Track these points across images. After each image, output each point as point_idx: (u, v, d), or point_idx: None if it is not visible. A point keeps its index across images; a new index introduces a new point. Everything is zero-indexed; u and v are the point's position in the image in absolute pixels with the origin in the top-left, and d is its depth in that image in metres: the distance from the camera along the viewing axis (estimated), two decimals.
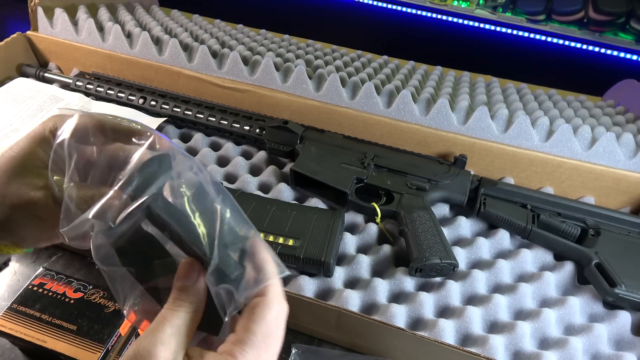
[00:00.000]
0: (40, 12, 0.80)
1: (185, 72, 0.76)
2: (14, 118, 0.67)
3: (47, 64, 0.84)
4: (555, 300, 0.52)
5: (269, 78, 0.74)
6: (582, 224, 0.58)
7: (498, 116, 0.69)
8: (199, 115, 0.69)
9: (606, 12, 1.14)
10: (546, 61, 1.21)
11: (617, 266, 0.52)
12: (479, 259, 0.57)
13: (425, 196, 0.59)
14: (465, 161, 0.63)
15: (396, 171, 0.62)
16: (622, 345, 0.49)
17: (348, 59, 0.89)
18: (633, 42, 1.15)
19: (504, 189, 0.60)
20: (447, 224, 0.60)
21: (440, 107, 0.68)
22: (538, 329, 0.49)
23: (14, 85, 0.74)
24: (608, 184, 0.65)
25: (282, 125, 0.66)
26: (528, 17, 1.21)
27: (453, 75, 0.91)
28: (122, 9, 0.92)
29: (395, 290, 0.52)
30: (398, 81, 0.80)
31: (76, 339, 0.41)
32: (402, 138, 0.69)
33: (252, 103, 0.74)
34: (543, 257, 0.57)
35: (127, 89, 0.74)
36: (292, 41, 0.97)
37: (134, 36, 0.80)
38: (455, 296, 0.51)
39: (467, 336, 0.48)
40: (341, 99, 0.71)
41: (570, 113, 0.79)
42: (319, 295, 0.51)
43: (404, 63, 0.95)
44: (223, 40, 0.88)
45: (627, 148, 0.66)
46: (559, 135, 0.66)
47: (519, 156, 0.66)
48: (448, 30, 1.28)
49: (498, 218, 0.58)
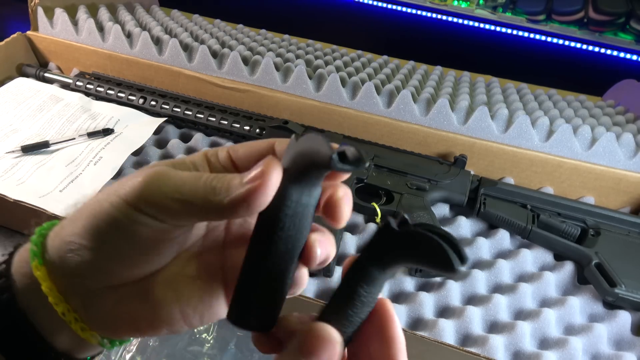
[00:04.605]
0: (40, 12, 0.80)
1: (185, 72, 0.76)
2: (14, 118, 0.67)
3: (47, 64, 0.84)
4: (555, 300, 0.52)
5: (269, 78, 0.74)
6: (582, 224, 0.58)
7: (498, 116, 0.69)
8: (199, 115, 0.69)
9: (606, 12, 1.13)
10: (546, 61, 1.21)
11: (617, 266, 0.52)
12: (479, 259, 0.57)
13: (425, 196, 0.59)
14: (465, 161, 0.63)
15: (396, 171, 0.62)
16: (622, 345, 0.49)
17: (348, 59, 0.89)
18: (633, 42, 1.15)
19: (504, 189, 0.60)
20: (447, 224, 0.60)
21: (440, 107, 0.68)
22: (538, 329, 0.49)
23: (14, 85, 0.74)
24: (608, 184, 0.65)
25: (282, 125, 0.66)
26: (528, 17, 1.21)
27: (453, 75, 0.91)
28: (122, 9, 0.92)
29: (395, 290, 0.52)
30: (398, 81, 0.80)
31: None
32: (402, 138, 0.69)
33: (252, 103, 0.74)
34: (543, 257, 0.57)
35: (127, 89, 0.74)
36: (292, 41, 0.97)
37: (134, 36, 0.80)
38: (455, 296, 0.51)
39: (467, 336, 0.48)
40: (341, 99, 0.71)
41: (570, 113, 0.79)
42: (319, 296, 0.51)
43: (404, 63, 0.95)
44: (223, 40, 0.88)
45: (627, 148, 0.66)
46: (559, 135, 0.66)
47: (519, 156, 0.66)
48: (448, 30, 1.28)
49: (498, 218, 0.58)
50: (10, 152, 0.61)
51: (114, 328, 0.23)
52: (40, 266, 0.22)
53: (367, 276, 0.21)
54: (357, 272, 0.21)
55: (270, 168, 0.20)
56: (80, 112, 0.70)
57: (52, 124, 0.67)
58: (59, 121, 0.68)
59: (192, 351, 0.47)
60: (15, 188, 0.55)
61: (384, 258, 0.20)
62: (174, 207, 0.20)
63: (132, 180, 0.21)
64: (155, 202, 0.20)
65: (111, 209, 0.21)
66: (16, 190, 0.55)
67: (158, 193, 0.20)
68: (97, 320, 0.23)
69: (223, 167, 0.24)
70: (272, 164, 0.20)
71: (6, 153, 0.60)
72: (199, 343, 0.47)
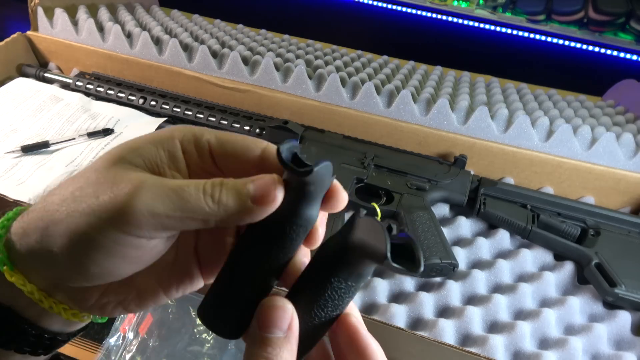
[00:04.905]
0: (40, 12, 0.80)
1: (185, 72, 0.76)
2: (14, 118, 0.67)
3: (47, 64, 0.84)
4: (555, 300, 0.52)
5: (269, 78, 0.74)
6: (582, 224, 0.58)
7: (498, 116, 0.69)
8: (199, 115, 0.69)
9: (606, 12, 1.13)
10: (546, 61, 1.21)
11: (617, 266, 0.52)
12: (479, 259, 0.57)
13: (425, 196, 0.59)
14: (465, 161, 0.63)
15: (396, 171, 0.62)
16: (622, 345, 0.50)
17: (348, 59, 0.89)
18: (633, 42, 1.15)
19: (504, 189, 0.60)
20: (447, 224, 0.60)
21: (440, 107, 0.68)
22: (538, 329, 0.49)
23: (14, 85, 0.74)
24: (608, 184, 0.65)
25: (282, 125, 0.66)
26: (528, 17, 1.21)
27: (453, 75, 0.91)
28: (122, 9, 0.92)
29: (395, 290, 0.52)
30: (398, 81, 0.80)
31: (76, 339, 0.41)
32: (402, 138, 0.69)
33: (252, 103, 0.74)
34: (543, 257, 0.57)
35: (127, 89, 0.74)
36: (292, 41, 0.97)
37: (134, 36, 0.80)
38: (455, 296, 0.51)
39: (467, 336, 0.48)
40: (341, 99, 0.71)
41: (570, 113, 0.79)
42: None
43: (404, 63, 0.95)
44: (223, 40, 0.88)
45: (627, 148, 0.66)
46: (559, 135, 0.66)
47: (519, 156, 0.66)
48: (448, 30, 1.28)
49: (498, 218, 0.58)
50: (10, 152, 0.61)
51: (103, 311, 0.24)
52: (11, 272, 0.21)
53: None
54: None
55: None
56: (80, 112, 0.70)
57: (52, 124, 0.67)
58: (59, 121, 0.68)
59: (192, 351, 0.46)
60: (15, 188, 0.55)
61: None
62: (169, 224, 0.20)
63: (113, 201, 0.19)
64: (146, 223, 0.19)
65: (93, 232, 0.19)
66: (16, 190, 0.55)
67: (149, 214, 0.19)
68: (86, 307, 0.23)
69: (201, 160, 0.23)
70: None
71: (6, 153, 0.60)
72: (199, 343, 0.47)
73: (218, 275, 0.23)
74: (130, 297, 0.24)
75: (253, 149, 0.22)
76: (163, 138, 0.22)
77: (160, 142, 0.22)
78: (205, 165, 0.23)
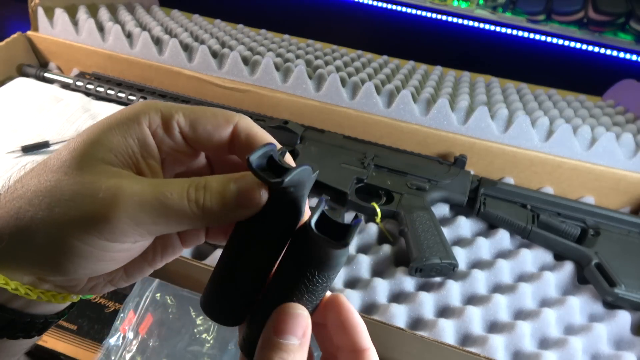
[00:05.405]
0: (40, 12, 0.80)
1: (185, 72, 0.76)
2: (15, 118, 0.67)
3: (48, 64, 0.84)
4: (555, 300, 0.52)
5: (269, 78, 0.74)
6: (582, 224, 0.58)
7: (498, 116, 0.69)
8: None
9: (606, 12, 1.13)
10: (546, 61, 1.21)
11: (616, 266, 0.52)
12: (478, 259, 0.57)
13: (425, 196, 0.59)
14: (465, 161, 0.63)
15: (396, 171, 0.62)
16: (621, 345, 0.50)
17: (348, 59, 0.89)
18: (633, 42, 1.15)
19: (504, 189, 0.60)
20: (447, 224, 0.60)
21: (440, 107, 0.68)
22: (538, 328, 0.49)
23: (14, 85, 0.74)
24: (608, 184, 0.65)
25: (282, 125, 0.66)
26: (528, 17, 1.21)
27: (453, 75, 0.91)
28: (122, 9, 0.92)
29: (395, 290, 0.52)
30: (398, 81, 0.80)
31: (76, 339, 0.41)
32: (402, 138, 0.69)
33: (252, 103, 0.74)
34: (543, 257, 0.57)
35: (128, 89, 0.74)
36: (292, 41, 0.97)
37: (134, 36, 0.80)
38: (455, 296, 0.51)
39: (467, 336, 0.48)
40: (341, 99, 0.71)
41: (570, 113, 0.79)
42: None
43: (404, 63, 0.95)
44: (223, 40, 0.88)
45: (627, 148, 0.66)
46: (559, 135, 0.66)
47: (519, 156, 0.67)
48: (448, 30, 1.28)
49: (498, 218, 0.59)
50: (10, 152, 0.61)
51: (93, 291, 0.24)
52: None
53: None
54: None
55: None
56: (80, 112, 0.70)
57: (52, 124, 0.67)
58: (59, 121, 0.68)
59: (192, 351, 0.46)
60: None
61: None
62: (155, 229, 0.20)
63: (96, 212, 0.19)
64: (132, 232, 0.20)
65: (76, 242, 0.19)
66: None
67: (134, 224, 0.19)
68: (75, 292, 0.23)
69: (174, 142, 0.23)
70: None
71: (6, 153, 0.60)
72: (199, 343, 0.47)
73: (217, 264, 0.23)
74: (118, 276, 0.24)
75: (225, 126, 0.23)
76: (129, 123, 0.22)
77: (127, 130, 0.22)
78: (178, 146, 0.23)
